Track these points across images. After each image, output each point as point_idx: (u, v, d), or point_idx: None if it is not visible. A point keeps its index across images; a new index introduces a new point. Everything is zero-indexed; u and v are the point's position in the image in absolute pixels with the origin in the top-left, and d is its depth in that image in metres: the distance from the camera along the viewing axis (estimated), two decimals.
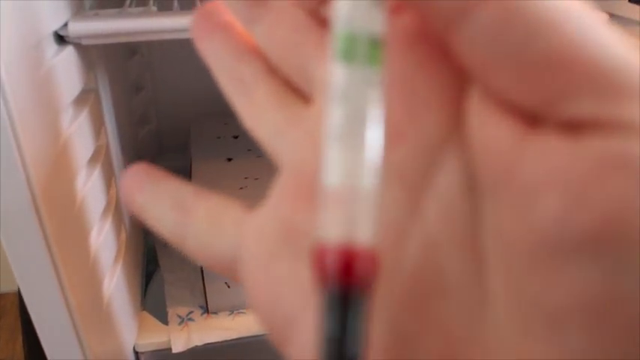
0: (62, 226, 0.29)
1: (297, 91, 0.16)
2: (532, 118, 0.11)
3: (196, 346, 0.44)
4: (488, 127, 0.11)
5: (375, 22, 0.11)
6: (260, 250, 0.14)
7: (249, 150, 0.54)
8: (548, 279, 0.10)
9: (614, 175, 0.09)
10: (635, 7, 0.40)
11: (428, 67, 0.13)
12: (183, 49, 0.60)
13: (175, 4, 0.38)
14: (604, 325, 0.09)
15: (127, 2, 0.36)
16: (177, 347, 0.44)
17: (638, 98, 0.10)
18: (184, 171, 0.60)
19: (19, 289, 0.54)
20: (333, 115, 0.11)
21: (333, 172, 0.10)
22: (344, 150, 0.11)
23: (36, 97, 0.27)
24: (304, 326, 0.12)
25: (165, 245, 0.54)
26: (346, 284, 0.10)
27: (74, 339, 0.32)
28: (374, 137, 0.11)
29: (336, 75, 0.11)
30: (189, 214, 0.16)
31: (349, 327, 0.10)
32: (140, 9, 0.35)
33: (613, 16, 0.42)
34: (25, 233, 0.27)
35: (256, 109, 0.16)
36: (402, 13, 0.13)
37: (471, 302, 0.11)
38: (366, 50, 0.11)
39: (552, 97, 0.10)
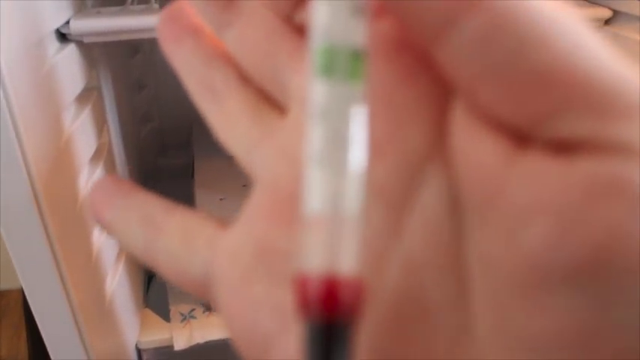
0: (65, 224, 0.30)
1: (270, 100, 0.15)
2: (520, 136, 0.10)
3: (198, 343, 0.45)
4: (473, 145, 0.10)
5: (355, 32, 0.10)
6: (234, 270, 0.13)
7: None
8: (534, 306, 0.09)
9: (608, 200, 0.09)
10: (639, 3, 0.40)
11: (410, 78, 0.12)
12: None
13: None
14: (590, 356, 0.09)
15: (129, 0, 0.36)
16: (180, 344, 0.44)
17: (634, 118, 0.09)
18: (187, 169, 0.60)
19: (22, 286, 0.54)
20: (313, 136, 0.10)
21: (315, 196, 0.10)
22: (325, 173, 0.10)
23: (38, 95, 0.27)
24: (282, 350, 0.12)
25: None
26: (330, 316, 0.09)
27: (77, 337, 0.32)
28: (357, 159, 0.10)
29: (315, 92, 0.10)
30: (160, 231, 0.15)
31: (333, 359, 0.09)
32: (142, 6, 0.35)
33: (617, 13, 0.42)
34: (27, 231, 0.27)
35: (228, 121, 0.16)
36: (383, 18, 0.12)
37: (455, 326, 0.11)
38: (346, 64, 0.10)
39: (543, 114, 0.10)
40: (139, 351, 0.45)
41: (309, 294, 0.09)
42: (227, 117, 0.16)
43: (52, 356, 0.32)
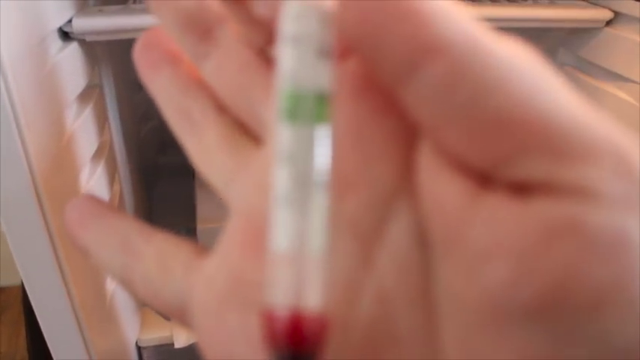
0: None
1: (247, 130, 0.16)
2: (484, 176, 0.10)
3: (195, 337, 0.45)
4: (438, 183, 0.11)
5: (321, 75, 0.11)
6: (209, 299, 0.13)
7: None
8: (497, 341, 0.10)
9: (562, 241, 0.09)
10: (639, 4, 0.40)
11: (378, 115, 0.12)
12: None
13: None
14: None
15: None
16: (180, 342, 0.44)
17: (590, 161, 0.09)
18: (187, 167, 0.60)
19: (22, 282, 0.54)
20: (280, 177, 0.10)
21: (281, 235, 0.10)
22: (291, 213, 0.10)
23: (41, 94, 0.27)
24: None
25: None
26: (295, 349, 0.10)
27: (78, 334, 0.32)
28: (321, 199, 0.10)
29: (281, 135, 0.11)
30: (137, 256, 0.16)
31: None
32: (144, 5, 0.35)
33: (618, 14, 0.42)
34: (29, 229, 0.27)
35: (205, 154, 0.16)
36: (349, 58, 0.13)
37: (425, 355, 0.11)
38: (311, 108, 0.10)
39: (502, 157, 0.10)
40: (139, 349, 0.45)
41: (275, 328, 0.10)
42: (204, 149, 0.16)
43: (52, 353, 0.32)
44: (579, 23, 0.42)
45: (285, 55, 0.11)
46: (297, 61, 0.10)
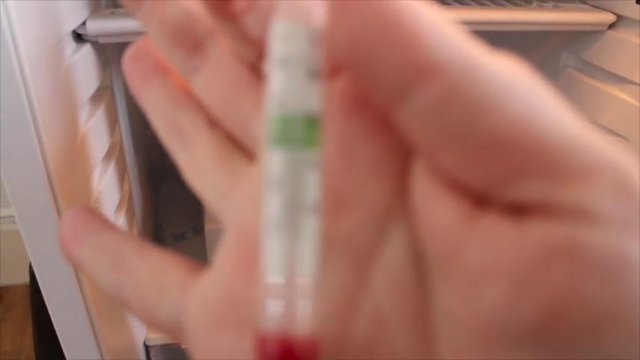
0: None
1: (238, 144, 0.15)
2: (479, 197, 0.10)
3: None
4: (433, 204, 0.11)
5: (310, 97, 0.10)
6: (204, 318, 0.13)
7: None
8: None
9: (559, 263, 0.09)
10: None
11: (369, 135, 0.12)
12: None
13: None
14: None
15: None
16: None
17: (589, 181, 0.09)
18: None
19: (28, 281, 0.55)
20: (271, 203, 0.10)
21: (273, 262, 0.10)
22: (281, 238, 0.10)
23: (56, 95, 0.27)
24: None
25: (175, 240, 0.55)
26: None
27: (90, 333, 0.32)
28: (312, 224, 0.10)
29: (271, 160, 0.10)
30: (130, 274, 0.15)
31: None
32: None
33: (620, 17, 0.42)
34: (44, 228, 0.28)
35: (197, 167, 0.16)
36: (339, 76, 0.12)
37: None
38: (301, 131, 0.10)
39: (498, 179, 0.10)
40: (146, 347, 0.45)
41: (267, 352, 0.10)
42: (196, 164, 0.16)
43: (65, 351, 0.32)
44: (582, 26, 0.43)
45: (274, 77, 0.10)
46: (286, 84, 0.10)
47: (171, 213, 0.57)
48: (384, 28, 0.09)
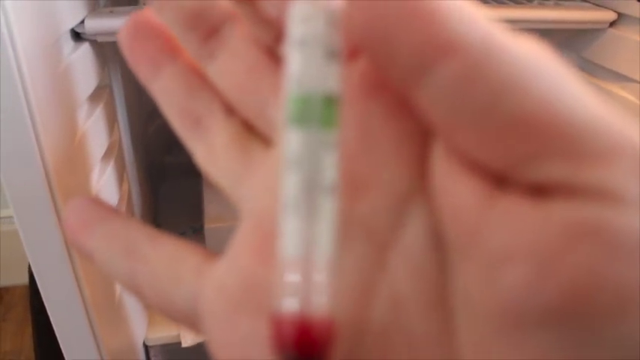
0: None
1: (254, 130, 0.15)
2: (500, 178, 0.10)
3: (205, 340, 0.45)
4: (453, 185, 0.10)
5: (329, 77, 0.10)
6: (221, 304, 0.13)
7: None
8: (515, 345, 0.09)
9: (582, 244, 0.09)
10: None
11: (388, 116, 0.12)
12: None
13: None
14: None
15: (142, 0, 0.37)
16: (187, 341, 0.45)
17: (611, 161, 0.09)
18: (194, 167, 0.60)
19: (28, 282, 0.54)
20: (288, 183, 0.10)
21: (290, 242, 0.10)
22: (299, 219, 0.10)
23: (55, 94, 0.27)
24: None
25: None
26: (303, 354, 0.10)
27: (89, 333, 0.32)
28: (330, 205, 0.10)
29: (289, 140, 0.10)
30: (144, 262, 0.15)
31: None
32: None
33: (621, 15, 0.42)
34: (42, 228, 0.28)
35: (212, 155, 0.15)
36: (358, 57, 0.12)
37: (440, 358, 0.11)
38: (320, 112, 0.10)
39: (519, 159, 0.10)
40: (146, 348, 0.45)
41: (283, 334, 0.10)
42: (212, 151, 0.15)
43: (64, 352, 0.32)
44: (583, 24, 0.43)
45: (293, 58, 0.10)
46: (305, 65, 0.10)
47: (170, 212, 0.57)
48: (403, 5, 0.09)
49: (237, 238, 0.14)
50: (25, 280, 0.52)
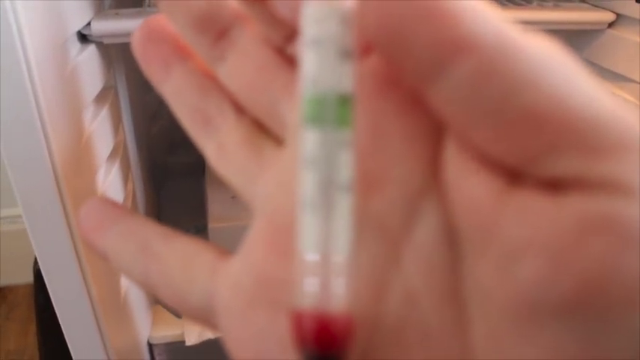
0: None
1: (265, 129, 0.15)
2: (513, 173, 0.10)
3: (209, 338, 0.45)
4: (466, 180, 0.11)
5: (343, 77, 0.10)
6: (236, 300, 0.13)
7: None
8: (527, 338, 0.10)
9: (597, 237, 0.09)
10: None
11: (401, 113, 0.12)
12: None
13: None
14: None
15: (147, 1, 0.37)
16: (191, 340, 0.45)
17: (623, 155, 0.09)
18: (197, 167, 0.61)
19: (32, 281, 0.55)
20: (305, 182, 0.11)
21: (307, 240, 0.10)
22: (316, 217, 0.10)
23: (62, 95, 0.27)
24: None
25: None
26: (323, 349, 0.10)
27: (96, 331, 0.32)
28: (346, 202, 0.11)
29: (305, 140, 0.11)
30: (159, 260, 0.15)
31: None
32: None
33: (620, 16, 0.42)
34: (51, 227, 0.28)
35: (224, 154, 0.15)
36: (371, 55, 0.12)
37: (455, 352, 0.11)
38: (335, 111, 0.10)
39: (533, 154, 0.10)
40: (150, 346, 0.46)
41: (303, 330, 0.10)
42: (223, 151, 0.15)
43: (71, 350, 0.33)
44: (582, 25, 0.43)
45: (307, 58, 0.11)
46: (319, 65, 0.10)
47: (173, 212, 0.57)
48: (417, 5, 0.10)
49: (251, 234, 0.14)
50: (28, 279, 0.52)
